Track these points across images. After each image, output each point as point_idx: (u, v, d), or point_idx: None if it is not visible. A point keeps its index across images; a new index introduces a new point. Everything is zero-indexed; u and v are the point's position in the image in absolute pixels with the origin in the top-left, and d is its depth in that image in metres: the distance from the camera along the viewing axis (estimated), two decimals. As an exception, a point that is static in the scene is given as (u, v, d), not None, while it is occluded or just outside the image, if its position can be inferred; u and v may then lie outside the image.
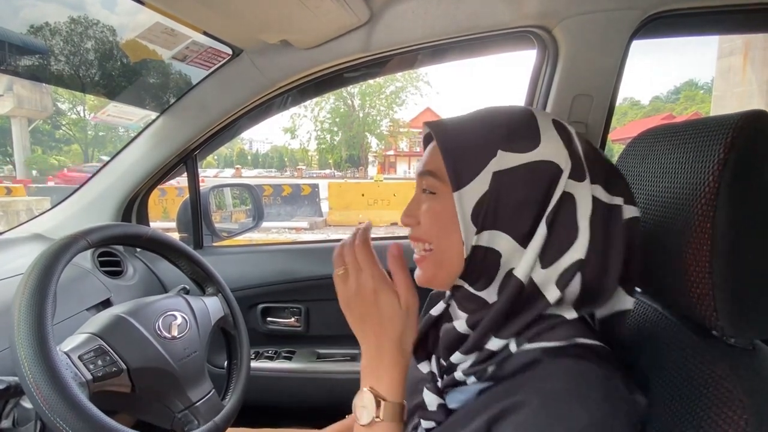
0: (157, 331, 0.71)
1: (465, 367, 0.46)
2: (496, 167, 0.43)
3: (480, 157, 0.43)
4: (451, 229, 0.45)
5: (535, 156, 0.43)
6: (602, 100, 0.96)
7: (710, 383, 0.41)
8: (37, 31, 11.17)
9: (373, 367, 0.48)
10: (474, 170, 0.43)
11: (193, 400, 0.71)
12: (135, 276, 1.07)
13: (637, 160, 0.56)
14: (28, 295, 0.55)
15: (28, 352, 0.52)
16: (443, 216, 0.46)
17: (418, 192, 0.51)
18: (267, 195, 8.91)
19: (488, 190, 0.43)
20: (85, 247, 0.66)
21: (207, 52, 0.96)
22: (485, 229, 0.43)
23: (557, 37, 0.94)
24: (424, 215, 0.48)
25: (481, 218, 0.43)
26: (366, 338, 0.49)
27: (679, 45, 56.93)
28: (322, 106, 22.16)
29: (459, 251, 0.45)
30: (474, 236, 0.44)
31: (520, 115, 0.45)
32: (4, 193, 10.26)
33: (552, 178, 0.42)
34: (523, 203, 0.42)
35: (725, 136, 0.40)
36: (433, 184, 0.47)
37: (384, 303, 0.47)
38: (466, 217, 0.43)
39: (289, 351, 1.22)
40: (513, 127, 0.44)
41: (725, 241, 0.40)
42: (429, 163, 0.48)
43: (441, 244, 0.47)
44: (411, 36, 0.96)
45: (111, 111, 2.04)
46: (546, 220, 0.42)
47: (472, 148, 0.44)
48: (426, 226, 0.48)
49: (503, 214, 0.43)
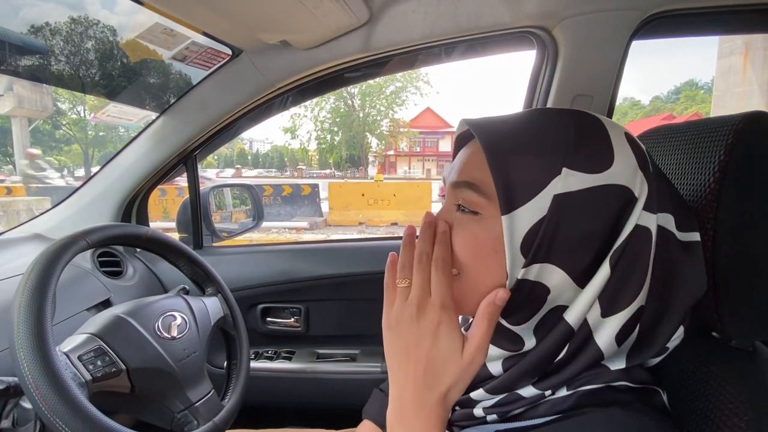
0: (156, 332, 0.71)
1: (487, 405, 0.41)
2: (559, 189, 0.35)
3: (540, 175, 0.35)
4: (492, 258, 0.37)
5: (606, 179, 0.35)
6: (602, 101, 0.96)
7: (711, 385, 0.41)
8: (37, 31, 11.18)
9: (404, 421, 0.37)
10: (531, 190, 0.35)
11: (192, 401, 0.71)
12: (135, 276, 1.07)
13: None
14: (28, 295, 0.55)
15: (28, 352, 0.52)
16: (485, 243, 0.37)
17: (449, 205, 0.41)
18: (267, 195, 8.92)
19: (546, 216, 0.35)
20: (84, 248, 0.66)
21: (206, 52, 0.96)
22: (536, 262, 0.36)
23: (557, 38, 0.94)
24: (459, 237, 0.39)
25: (534, 249, 0.35)
26: (403, 380, 0.37)
27: (680, 45, 57.03)
28: (322, 106, 22.23)
29: (497, 282, 0.37)
30: (521, 269, 0.36)
31: (589, 124, 0.37)
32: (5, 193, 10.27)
33: (623, 206, 0.35)
34: (586, 235, 0.35)
35: (726, 137, 0.40)
36: (475, 201, 0.38)
37: (444, 343, 0.37)
38: (515, 245, 0.36)
39: (289, 351, 1.22)
40: (582, 140, 0.36)
41: (726, 242, 0.40)
42: (468, 172, 0.39)
43: (474, 273, 0.39)
44: (411, 36, 0.95)
45: (111, 111, 2.05)
46: (611, 258, 0.35)
47: (531, 162, 0.36)
48: (460, 251, 0.39)
49: (561, 246, 0.35)
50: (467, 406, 0.43)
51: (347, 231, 8.10)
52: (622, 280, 0.35)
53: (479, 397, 0.41)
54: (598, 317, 0.36)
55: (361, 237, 2.36)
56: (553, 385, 0.38)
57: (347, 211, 8.66)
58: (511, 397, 0.39)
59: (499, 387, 0.40)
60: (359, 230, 8.23)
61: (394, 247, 1.27)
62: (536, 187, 0.35)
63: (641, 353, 0.38)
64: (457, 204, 0.40)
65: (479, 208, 0.38)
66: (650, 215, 0.36)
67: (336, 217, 8.68)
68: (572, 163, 0.35)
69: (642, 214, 0.36)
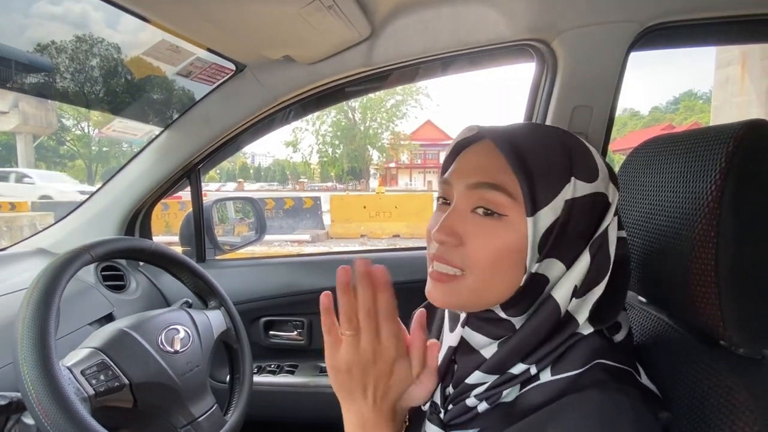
0: (159, 345, 0.70)
1: (480, 391, 0.43)
2: (569, 194, 0.41)
3: (557, 182, 0.41)
4: (513, 257, 0.41)
5: (595, 187, 0.42)
6: (602, 111, 0.97)
7: (720, 394, 0.40)
8: (43, 50, 11.37)
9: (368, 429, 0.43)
10: (550, 194, 0.40)
11: (195, 416, 0.70)
12: (138, 290, 1.07)
13: (639, 169, 0.56)
14: (32, 309, 0.56)
15: (31, 367, 0.52)
16: (509, 244, 0.41)
17: (464, 207, 0.43)
18: (269, 208, 8.94)
19: (559, 218, 0.41)
20: (88, 261, 0.66)
21: (211, 68, 0.97)
22: (545, 258, 0.41)
23: (556, 50, 0.95)
24: (477, 239, 0.41)
25: (547, 246, 0.41)
26: (361, 404, 0.42)
27: (678, 55, 57.54)
28: (323, 120, 22.42)
29: (509, 282, 0.42)
30: (535, 264, 0.41)
31: (578, 141, 0.44)
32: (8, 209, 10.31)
33: (603, 209, 0.43)
34: (581, 233, 0.42)
35: (726, 144, 0.40)
36: (501, 202, 0.41)
37: (399, 374, 0.42)
38: (535, 244, 0.40)
39: (292, 365, 1.21)
40: (581, 154, 0.43)
41: (730, 250, 0.40)
42: (491, 175, 0.42)
43: (487, 275, 0.42)
44: (412, 50, 0.97)
45: (116, 126, 2.07)
46: (590, 249, 0.41)
47: (550, 170, 0.41)
48: (475, 252, 0.41)
49: (564, 243, 0.41)
50: (461, 399, 0.45)
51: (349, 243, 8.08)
52: (595, 267, 0.42)
53: (477, 380, 0.43)
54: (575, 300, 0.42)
55: (362, 249, 2.35)
56: (538, 360, 0.41)
57: (349, 224, 8.65)
58: (504, 378, 0.42)
59: (493, 366, 0.42)
60: (361, 242, 8.22)
61: (395, 258, 1.27)
62: (554, 191, 0.41)
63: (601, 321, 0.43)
64: (476, 206, 0.43)
65: (505, 210, 0.41)
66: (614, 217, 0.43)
67: (338, 230, 8.67)
68: (577, 173, 0.41)
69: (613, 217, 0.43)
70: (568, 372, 0.40)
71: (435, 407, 0.48)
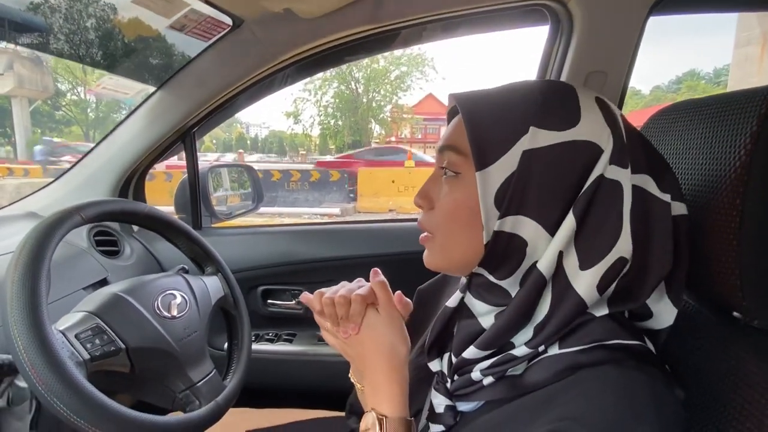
0: (156, 311, 0.69)
1: (483, 367, 0.42)
2: (527, 145, 0.38)
3: (509, 133, 0.38)
4: (470, 216, 0.41)
5: (572, 135, 0.38)
6: (617, 78, 0.93)
7: (733, 365, 0.40)
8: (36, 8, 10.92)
9: (372, 387, 0.47)
10: (501, 147, 0.38)
11: (194, 381, 0.69)
12: (132, 256, 1.05)
13: (657, 136, 0.54)
14: (21, 270, 0.53)
15: (22, 329, 0.50)
16: (465, 202, 0.41)
17: (437, 171, 0.46)
18: (295, 180, 8.76)
19: (516, 171, 0.38)
20: (79, 223, 0.64)
21: (206, 21, 0.91)
22: (509, 214, 0.39)
23: (573, 11, 0.90)
24: (441, 201, 0.44)
25: (506, 202, 0.38)
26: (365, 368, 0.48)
27: (680, 32, 55.94)
28: (325, 91, 21.90)
29: (471, 239, 0.41)
30: (496, 221, 0.39)
31: (558, 89, 0.40)
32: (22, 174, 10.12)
33: (590, 160, 0.38)
34: (555, 187, 0.38)
35: (759, 107, 0.38)
36: (455, 161, 0.42)
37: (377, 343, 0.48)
38: (489, 199, 0.39)
39: (290, 333, 1.21)
40: (549, 102, 0.39)
41: (755, 217, 0.38)
42: (451, 137, 0.43)
43: (447, 233, 0.43)
44: (420, 7, 0.91)
45: (106, 83, 1.99)
46: (575, 207, 0.37)
47: (501, 123, 0.39)
48: (440, 217, 0.44)
49: (531, 198, 0.38)
50: (465, 371, 0.44)
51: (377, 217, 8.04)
52: (594, 230, 0.38)
53: (472, 355, 0.43)
54: (576, 268, 0.38)
55: (361, 219, 2.34)
56: (544, 340, 0.39)
57: (377, 198, 8.48)
58: (505, 358, 0.41)
59: (488, 341, 0.42)
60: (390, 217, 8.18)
61: (394, 229, 1.25)
62: (506, 144, 0.38)
63: (623, 303, 0.40)
64: (442, 167, 0.44)
65: (459, 168, 0.42)
66: (620, 170, 0.38)
67: (366, 204, 8.48)
68: (539, 122, 0.38)
69: (610, 168, 0.38)
70: (579, 346, 0.38)
71: (442, 376, 0.48)
